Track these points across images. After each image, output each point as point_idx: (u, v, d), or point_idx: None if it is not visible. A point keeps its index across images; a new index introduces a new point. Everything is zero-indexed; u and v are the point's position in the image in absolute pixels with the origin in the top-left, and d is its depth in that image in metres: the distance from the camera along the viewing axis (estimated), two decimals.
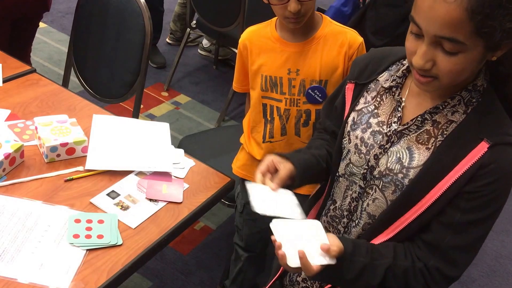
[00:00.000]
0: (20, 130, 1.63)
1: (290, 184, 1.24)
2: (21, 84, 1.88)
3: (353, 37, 1.65)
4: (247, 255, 2.09)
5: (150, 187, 1.53)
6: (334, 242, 1.09)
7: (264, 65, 1.68)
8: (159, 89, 3.66)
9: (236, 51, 1.84)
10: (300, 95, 1.66)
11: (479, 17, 0.90)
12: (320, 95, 1.65)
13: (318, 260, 1.06)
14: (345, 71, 1.65)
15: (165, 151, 1.68)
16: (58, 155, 1.55)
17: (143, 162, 1.60)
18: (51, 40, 3.91)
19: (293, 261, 1.06)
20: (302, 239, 1.09)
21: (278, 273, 1.42)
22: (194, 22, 3.57)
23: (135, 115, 2.27)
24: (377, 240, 1.17)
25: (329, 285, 1.24)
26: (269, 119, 1.73)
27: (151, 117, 3.37)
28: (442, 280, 1.11)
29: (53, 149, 1.53)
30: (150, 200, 1.50)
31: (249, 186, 1.18)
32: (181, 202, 1.51)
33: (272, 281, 1.43)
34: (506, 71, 1.06)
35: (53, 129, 1.57)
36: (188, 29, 3.61)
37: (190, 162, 1.68)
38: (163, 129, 1.79)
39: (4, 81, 1.87)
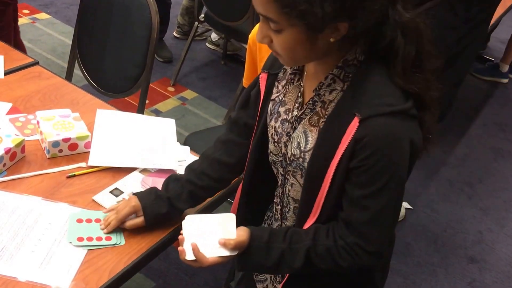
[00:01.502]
0: (21, 124, 1.60)
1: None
2: (23, 76, 1.85)
3: None
4: None
5: (155, 184, 1.49)
6: (238, 235, 1.15)
7: None
8: (165, 84, 3.62)
9: (245, 46, 1.82)
10: None
11: None
12: None
13: (214, 252, 1.13)
14: None
15: (171, 148, 1.64)
16: (60, 151, 1.51)
17: (148, 159, 1.57)
18: (54, 32, 3.88)
19: (189, 255, 1.14)
20: (208, 234, 1.15)
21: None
22: (202, 15, 3.52)
23: (140, 110, 2.23)
24: (307, 224, 1.18)
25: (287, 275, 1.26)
26: None
27: (157, 113, 3.34)
28: (365, 255, 1.12)
29: (55, 144, 1.49)
30: None
31: (185, 223, 1.19)
32: None
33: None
34: (382, 49, 1.04)
35: (56, 124, 1.54)
36: (196, 23, 3.56)
37: (195, 159, 1.64)
38: (169, 125, 1.76)
39: (6, 73, 1.84)
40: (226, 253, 1.14)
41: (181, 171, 1.57)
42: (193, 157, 1.65)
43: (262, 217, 1.43)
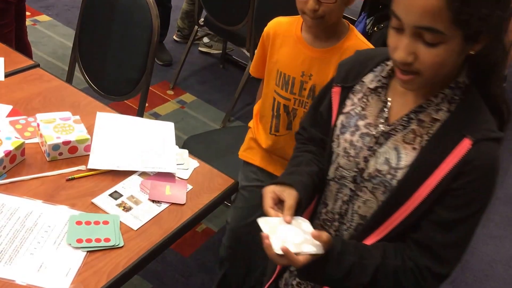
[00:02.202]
0: (21, 126, 1.60)
1: (297, 209, 1.22)
2: (24, 79, 1.85)
3: None
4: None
5: (153, 188, 1.50)
6: (324, 233, 1.08)
7: (282, 61, 1.68)
8: (165, 88, 3.63)
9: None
10: (309, 98, 1.67)
11: (456, 4, 0.91)
12: None
13: (305, 248, 1.06)
14: None
15: (170, 151, 1.65)
16: (60, 154, 1.52)
17: (147, 163, 1.57)
18: (55, 34, 3.89)
19: (278, 249, 1.05)
20: (288, 230, 1.09)
21: (274, 276, 1.40)
22: (202, 19, 3.53)
23: (140, 113, 2.24)
24: (368, 241, 1.17)
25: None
26: (275, 114, 1.74)
27: (156, 116, 3.34)
28: (433, 279, 1.11)
29: (55, 147, 1.50)
30: (153, 201, 1.47)
31: (261, 222, 1.13)
32: (184, 204, 1.48)
33: (268, 284, 1.42)
34: (487, 67, 1.06)
35: (56, 127, 1.54)
36: (196, 27, 3.57)
37: (194, 163, 1.65)
38: (168, 128, 1.76)
39: (7, 75, 1.84)
40: (317, 250, 1.06)
41: (180, 174, 1.58)
42: (191, 160, 1.65)
43: None
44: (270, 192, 1.20)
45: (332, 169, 1.25)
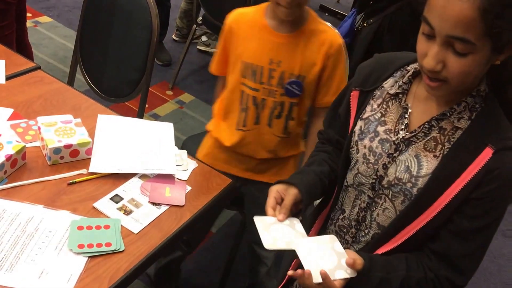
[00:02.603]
0: (22, 130, 1.60)
1: (298, 207, 1.24)
2: (25, 81, 1.85)
3: (335, 37, 1.68)
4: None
5: (154, 190, 1.50)
6: (355, 256, 1.09)
7: (247, 51, 1.67)
8: (164, 88, 3.63)
9: None
10: (278, 87, 1.67)
11: (490, 17, 0.91)
12: (298, 89, 1.67)
13: (338, 274, 1.07)
14: (322, 70, 1.68)
15: (169, 153, 1.65)
16: (62, 157, 1.52)
17: (147, 164, 1.57)
18: (56, 36, 3.88)
19: (317, 278, 1.06)
20: (322, 255, 1.10)
21: (284, 281, 1.40)
22: (200, 18, 3.53)
23: (140, 115, 2.24)
24: (384, 249, 1.16)
25: None
26: (244, 107, 1.73)
27: (156, 117, 3.34)
28: None
29: (57, 151, 1.50)
30: (153, 203, 1.47)
31: (257, 220, 1.17)
32: (183, 205, 1.49)
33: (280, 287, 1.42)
34: (509, 75, 1.06)
35: (57, 130, 1.54)
36: (194, 26, 3.57)
37: (192, 163, 1.66)
38: (168, 129, 1.76)
39: (8, 78, 1.83)
40: (350, 274, 1.08)
41: (179, 175, 1.58)
42: (190, 161, 1.66)
43: None
44: (274, 191, 1.22)
45: (351, 175, 1.25)
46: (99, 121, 1.70)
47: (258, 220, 1.18)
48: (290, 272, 1.09)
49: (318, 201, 1.44)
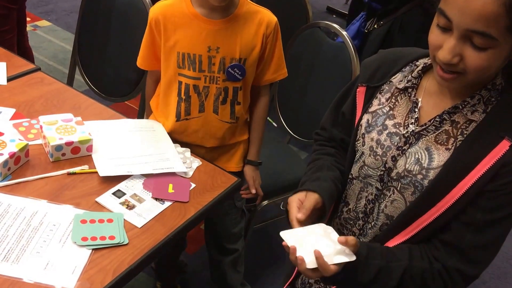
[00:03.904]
0: (25, 129, 1.62)
1: (319, 214, 1.20)
2: (26, 82, 1.87)
3: (270, 17, 1.69)
4: None
5: (156, 186, 1.52)
6: (348, 237, 1.06)
7: (181, 42, 1.65)
8: None
9: None
10: (220, 72, 1.66)
11: None
12: (239, 73, 1.67)
13: (337, 258, 1.04)
14: (262, 50, 1.69)
15: (173, 151, 1.66)
16: (63, 154, 1.54)
17: (157, 164, 1.58)
18: (55, 39, 3.91)
19: (311, 263, 1.03)
20: (315, 242, 1.07)
21: (291, 278, 1.40)
22: None
23: (141, 113, 2.26)
24: (394, 241, 1.15)
25: None
26: (183, 97, 1.71)
27: None
28: (461, 280, 1.10)
29: (58, 148, 1.52)
30: (156, 199, 1.48)
31: (285, 235, 1.10)
32: (187, 202, 1.50)
33: (286, 285, 1.41)
34: None
35: (58, 128, 1.56)
36: None
37: (196, 161, 1.67)
38: (158, 127, 1.77)
39: (9, 79, 1.86)
40: (349, 258, 1.05)
41: (182, 172, 1.60)
42: (194, 159, 1.67)
43: None
44: (295, 200, 1.17)
45: (356, 168, 1.24)
46: (93, 128, 1.67)
47: (286, 235, 1.09)
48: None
49: None
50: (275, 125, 2.93)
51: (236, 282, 2.16)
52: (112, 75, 2.35)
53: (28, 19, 3.98)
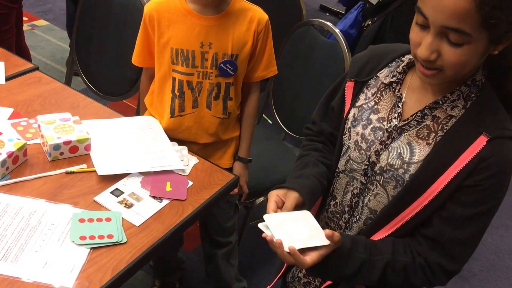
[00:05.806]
0: (23, 128, 1.63)
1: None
2: (24, 82, 1.88)
3: (261, 15, 1.71)
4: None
5: (154, 184, 1.52)
6: (335, 233, 1.08)
7: (174, 37, 1.67)
8: None
9: None
10: (213, 68, 1.68)
11: (486, 8, 0.91)
12: (231, 68, 1.69)
13: (312, 242, 1.06)
14: (253, 47, 1.71)
15: (171, 149, 1.67)
16: (62, 153, 1.54)
17: (154, 162, 1.58)
18: (53, 38, 3.91)
19: (287, 246, 1.04)
20: (295, 225, 1.09)
21: (281, 271, 1.42)
22: None
23: (139, 112, 2.26)
24: (378, 235, 1.17)
25: (329, 282, 1.24)
26: (177, 93, 1.72)
27: None
28: (443, 275, 1.12)
29: (56, 147, 1.52)
30: (154, 197, 1.49)
31: (267, 218, 1.12)
32: (185, 199, 1.50)
33: (276, 279, 1.42)
34: (508, 65, 1.06)
35: (56, 127, 1.57)
36: None
37: (193, 159, 1.67)
38: (155, 124, 1.78)
39: (7, 79, 1.86)
40: (320, 242, 1.06)
41: (180, 171, 1.60)
42: (191, 157, 1.68)
43: None
44: (273, 195, 1.20)
45: (342, 162, 1.26)
46: (90, 127, 1.67)
47: (268, 218, 1.13)
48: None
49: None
50: (270, 122, 2.94)
51: (231, 276, 2.18)
52: (110, 74, 2.36)
53: (25, 18, 4.00)
